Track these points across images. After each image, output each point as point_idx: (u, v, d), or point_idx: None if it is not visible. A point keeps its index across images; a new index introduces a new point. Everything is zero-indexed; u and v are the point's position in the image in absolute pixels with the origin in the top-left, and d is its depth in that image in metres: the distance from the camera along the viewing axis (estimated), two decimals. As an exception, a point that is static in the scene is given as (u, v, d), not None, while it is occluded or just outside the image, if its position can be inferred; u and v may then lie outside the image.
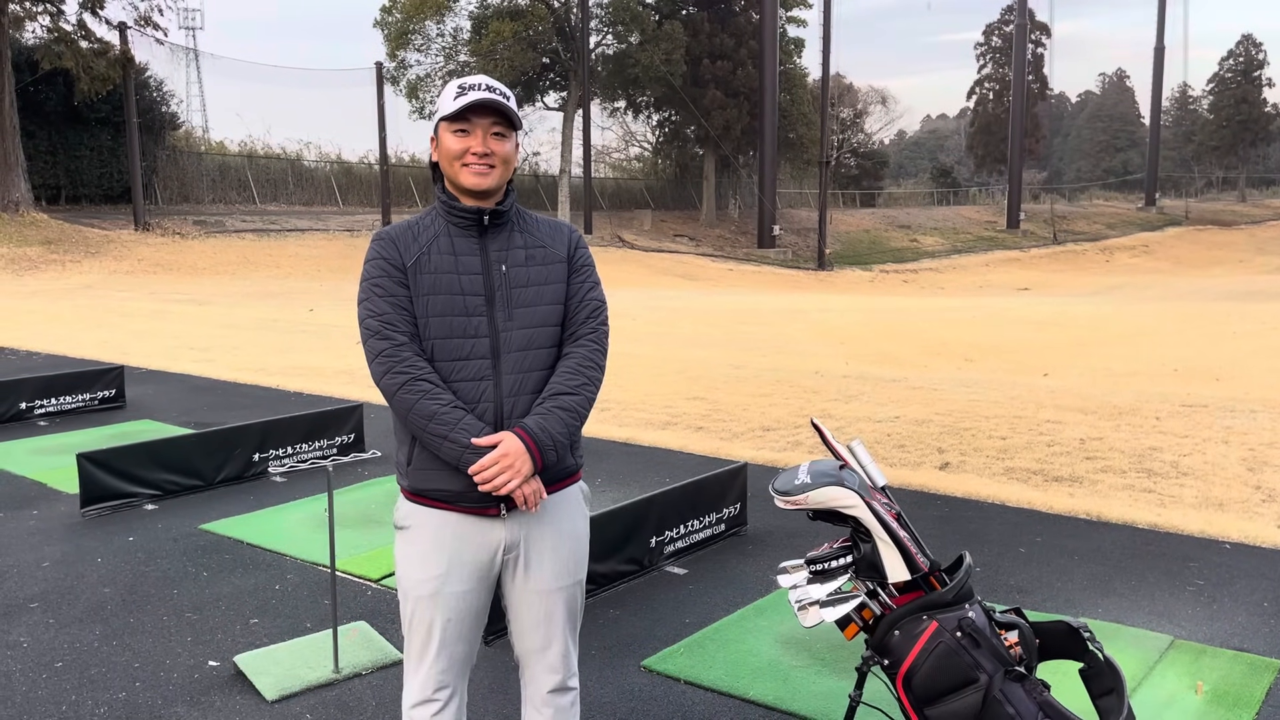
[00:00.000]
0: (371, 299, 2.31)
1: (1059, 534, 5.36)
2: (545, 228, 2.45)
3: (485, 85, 2.30)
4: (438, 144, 2.35)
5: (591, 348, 2.39)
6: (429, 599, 2.34)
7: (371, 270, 2.32)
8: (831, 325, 17.59)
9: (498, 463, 2.20)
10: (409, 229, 2.36)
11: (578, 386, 2.33)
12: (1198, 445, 7.14)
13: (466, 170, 2.30)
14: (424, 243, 2.33)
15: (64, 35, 30.49)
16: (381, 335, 2.27)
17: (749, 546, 5.22)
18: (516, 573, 2.39)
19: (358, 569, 4.83)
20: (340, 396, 9.40)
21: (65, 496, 6.11)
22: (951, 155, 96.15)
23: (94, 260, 28.54)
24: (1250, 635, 4.03)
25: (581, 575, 2.48)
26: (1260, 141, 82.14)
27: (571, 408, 2.31)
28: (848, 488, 2.43)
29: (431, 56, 45.00)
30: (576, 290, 2.41)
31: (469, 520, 2.33)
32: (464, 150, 2.29)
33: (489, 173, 2.31)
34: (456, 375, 2.29)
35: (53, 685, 3.64)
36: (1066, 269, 46.03)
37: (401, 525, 2.39)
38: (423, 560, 2.34)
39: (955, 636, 2.39)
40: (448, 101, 2.31)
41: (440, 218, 2.37)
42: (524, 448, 2.23)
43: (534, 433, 2.25)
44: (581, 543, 2.47)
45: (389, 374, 2.26)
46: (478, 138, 2.29)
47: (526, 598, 2.40)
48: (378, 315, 2.29)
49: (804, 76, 51.62)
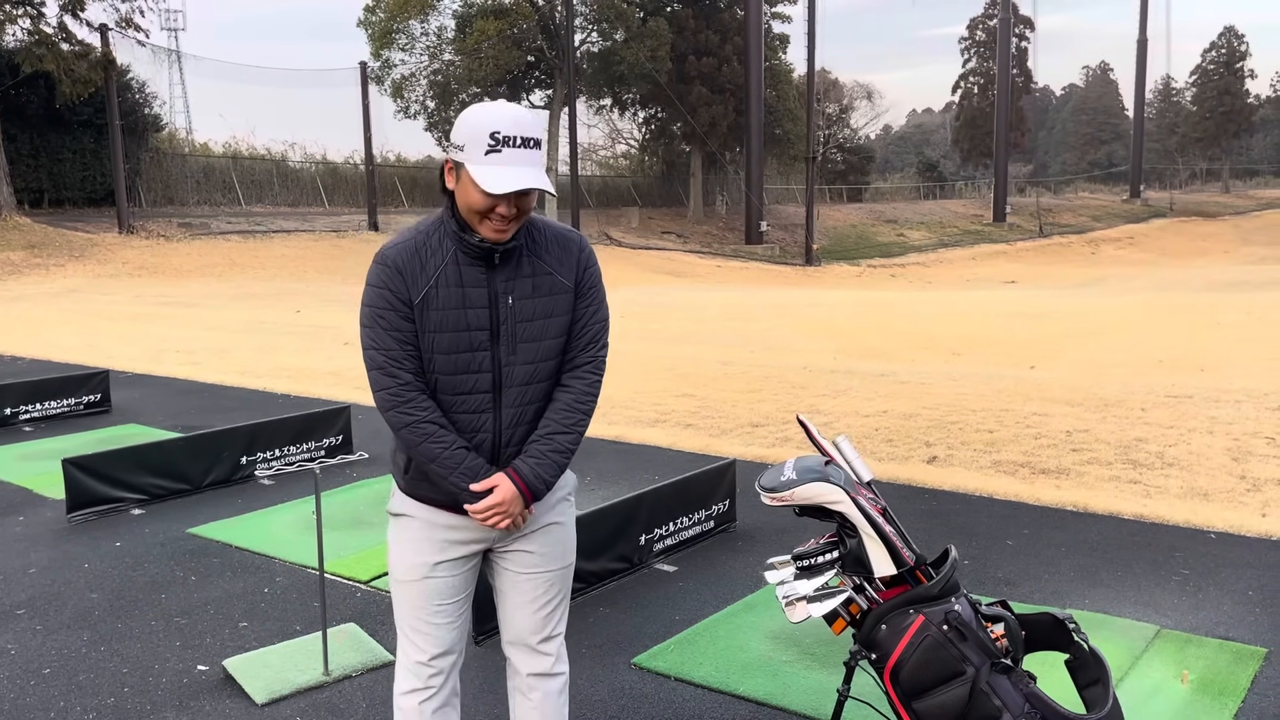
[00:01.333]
0: (376, 330, 2.27)
1: (1046, 526, 5.39)
2: (554, 249, 2.36)
3: (520, 140, 2.16)
4: (457, 180, 2.22)
5: (590, 380, 2.41)
6: (418, 583, 2.40)
7: (375, 298, 2.27)
8: (819, 320, 17.63)
9: (492, 508, 2.30)
10: (416, 254, 2.26)
11: (572, 425, 2.38)
12: (1183, 436, 7.19)
13: (488, 225, 2.22)
14: (431, 273, 2.25)
15: (45, 38, 30.29)
16: (387, 372, 2.28)
17: (738, 543, 5.23)
18: (505, 559, 2.46)
19: (347, 571, 4.82)
20: (327, 398, 9.37)
21: (51, 502, 6.08)
22: (937, 149, 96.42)
23: (78, 264, 28.38)
24: (1235, 624, 4.06)
25: (570, 560, 2.53)
26: (1243, 132, 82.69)
27: (564, 448, 2.37)
28: (833, 484, 2.44)
29: (416, 56, 44.94)
30: (582, 314, 2.40)
31: (461, 517, 2.39)
32: (490, 208, 2.19)
33: (509, 228, 2.23)
34: (458, 408, 2.33)
35: (41, 692, 3.63)
36: (1052, 261, 46.23)
37: (396, 512, 2.46)
38: (414, 547, 2.41)
39: (941, 630, 2.40)
40: (476, 151, 2.15)
41: (449, 238, 2.28)
42: (517, 494, 2.33)
43: (527, 479, 2.34)
44: (568, 529, 2.53)
45: (394, 410, 2.29)
46: (507, 200, 2.18)
47: (514, 581, 2.47)
48: (383, 350, 2.27)
49: (789, 72, 51.70)
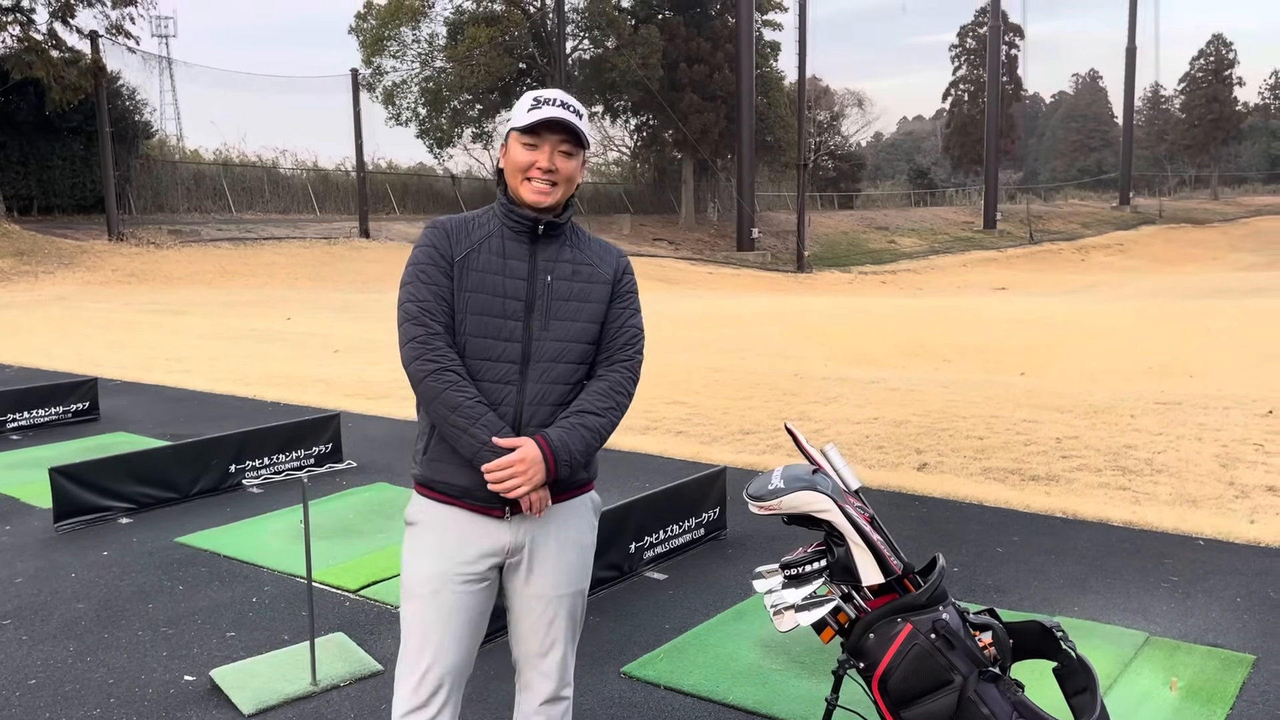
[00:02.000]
0: (415, 283, 2.33)
1: (1035, 533, 5.40)
2: (596, 247, 2.47)
3: (560, 101, 2.32)
4: (506, 152, 2.37)
5: (625, 374, 2.42)
6: (431, 597, 2.33)
7: (420, 256, 2.35)
8: (811, 327, 17.65)
9: (512, 466, 2.23)
10: (465, 223, 2.39)
11: (606, 409, 2.36)
12: (1172, 442, 7.21)
13: (529, 185, 2.32)
14: (476, 239, 2.36)
15: (34, 45, 30.21)
16: (418, 321, 2.29)
17: (729, 551, 5.22)
18: (519, 576, 2.40)
19: (335, 580, 4.80)
20: (317, 406, 9.34)
21: (38, 511, 6.05)
22: (928, 156, 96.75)
23: (67, 271, 28.27)
24: (1224, 631, 4.07)
25: (584, 585, 2.48)
26: (1231, 140, 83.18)
27: (596, 428, 2.34)
28: (821, 492, 2.44)
29: (407, 63, 45.00)
30: (618, 315, 2.43)
31: (474, 521, 2.34)
32: (530, 164, 2.31)
33: (551, 191, 2.33)
34: (483, 375, 2.31)
35: (26, 703, 3.60)
36: (1043, 268, 46.40)
37: (411, 521, 2.42)
38: (429, 558, 2.35)
39: (929, 638, 2.40)
40: (521, 112, 2.32)
41: (496, 218, 2.39)
42: (540, 456, 2.25)
43: (554, 444, 2.28)
44: (586, 552, 2.47)
45: (419, 359, 2.28)
46: (545, 152, 2.31)
47: (528, 602, 2.41)
48: (418, 301, 2.31)
49: (780, 79, 51.88)
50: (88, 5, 31.58)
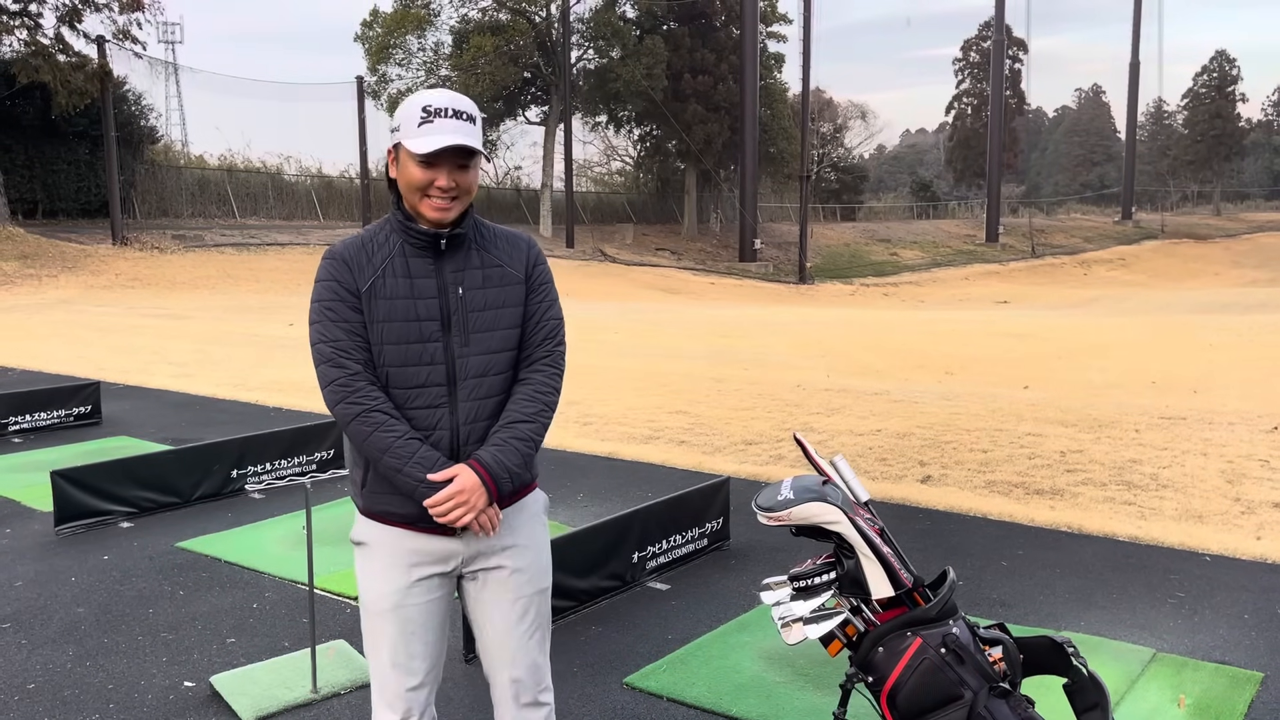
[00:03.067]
0: (324, 323, 2.24)
1: (1040, 547, 5.37)
2: (503, 244, 2.38)
3: (451, 111, 2.20)
4: (398, 164, 2.26)
5: (549, 372, 2.37)
6: (391, 613, 2.30)
7: (323, 292, 2.25)
8: (813, 338, 17.63)
9: (453, 499, 2.19)
10: (363, 248, 2.28)
11: (534, 414, 2.31)
12: (1177, 457, 7.18)
13: (429, 203, 2.23)
14: (378, 264, 2.26)
15: (41, 49, 30.29)
16: (334, 363, 2.23)
17: (732, 561, 5.20)
18: (476, 584, 2.37)
19: (336, 587, 4.77)
20: (319, 412, 9.32)
21: (39, 514, 6.03)
22: (930, 169, 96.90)
23: (71, 275, 28.29)
24: (1231, 648, 4.04)
25: (545, 584, 2.43)
26: (1234, 156, 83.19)
27: (527, 436, 2.29)
28: (831, 503, 2.42)
29: (412, 71, 45.03)
30: (534, 310, 2.37)
31: (425, 538, 2.30)
32: (428, 182, 2.21)
33: (451, 206, 2.24)
34: (412, 403, 2.26)
35: (25, 708, 3.57)
36: (1045, 282, 46.39)
37: (359, 541, 2.37)
38: (382, 575, 2.31)
39: (939, 653, 2.37)
40: (411, 127, 2.20)
41: (396, 234, 2.29)
42: (479, 481, 2.21)
43: (489, 466, 2.23)
44: (542, 552, 2.43)
45: (343, 403, 2.22)
46: (442, 170, 2.21)
47: (489, 609, 2.37)
48: (330, 341, 2.23)
49: (784, 91, 51.94)
50: (95, 10, 31.67)
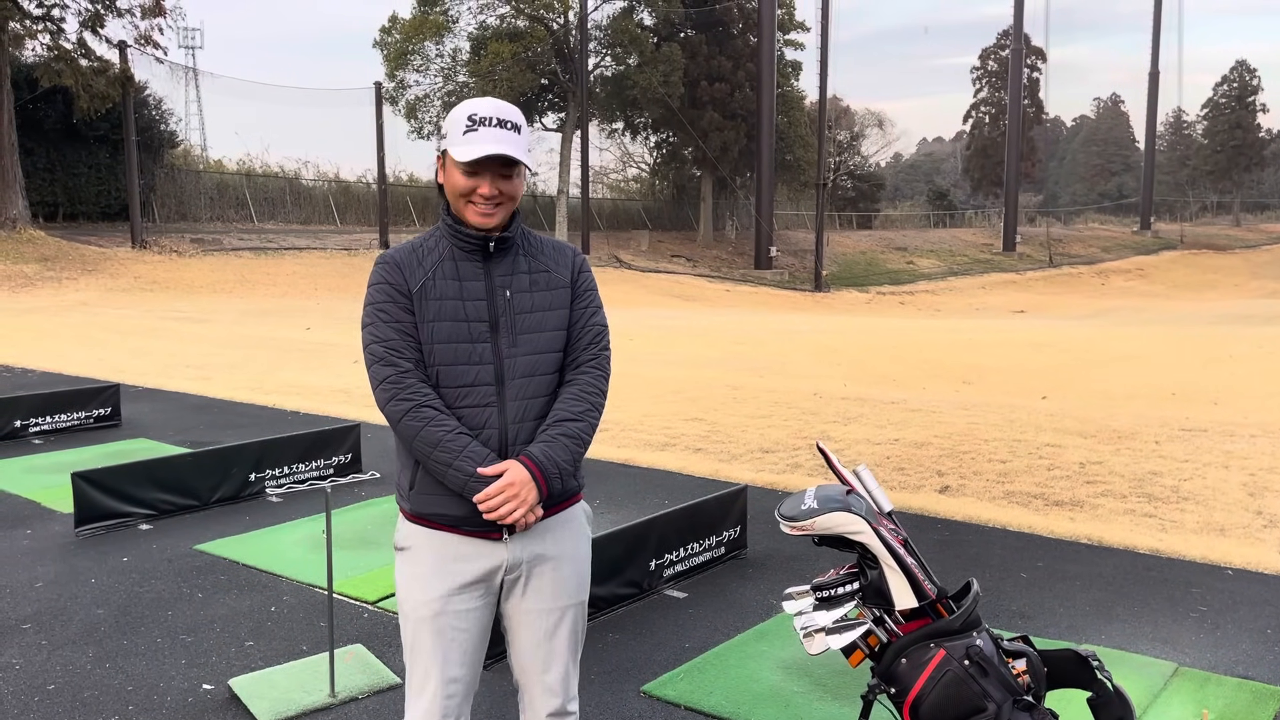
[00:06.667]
0: (376, 324, 2.29)
1: (1060, 558, 5.33)
2: (550, 250, 2.43)
3: (496, 120, 2.25)
4: (444, 172, 2.32)
5: (595, 374, 2.40)
6: (431, 620, 2.31)
7: (376, 295, 2.31)
8: (829, 346, 17.58)
9: (503, 492, 2.21)
10: (413, 252, 2.34)
11: (582, 413, 2.34)
12: (1198, 470, 7.12)
13: (472, 209, 2.28)
14: (429, 267, 2.31)
15: (64, 53, 30.58)
16: (386, 361, 2.26)
17: (749, 570, 5.18)
18: (516, 592, 2.38)
19: (355, 591, 4.78)
20: (337, 415, 9.36)
21: (59, 516, 6.06)
22: (947, 178, 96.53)
23: (90, 278, 28.51)
24: (1254, 663, 4.00)
25: (583, 596, 2.46)
26: (1254, 166, 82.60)
27: (576, 434, 2.32)
28: (855, 513, 2.41)
29: (430, 77, 45.24)
30: (580, 316, 2.41)
31: (470, 543, 2.31)
32: (471, 189, 2.27)
33: (495, 212, 2.29)
34: (461, 402, 2.29)
35: (45, 708, 3.59)
36: (1062, 291, 46.16)
37: (402, 546, 2.38)
38: (424, 581, 2.32)
39: (963, 665, 2.36)
40: (456, 134, 2.25)
41: (445, 239, 2.35)
42: (529, 476, 2.24)
43: (539, 461, 2.26)
44: (583, 564, 2.46)
45: (394, 400, 2.25)
46: (485, 179, 2.26)
47: (526, 618, 2.39)
48: (383, 341, 2.28)
49: (801, 99, 51.89)
50: (117, 15, 31.95)
